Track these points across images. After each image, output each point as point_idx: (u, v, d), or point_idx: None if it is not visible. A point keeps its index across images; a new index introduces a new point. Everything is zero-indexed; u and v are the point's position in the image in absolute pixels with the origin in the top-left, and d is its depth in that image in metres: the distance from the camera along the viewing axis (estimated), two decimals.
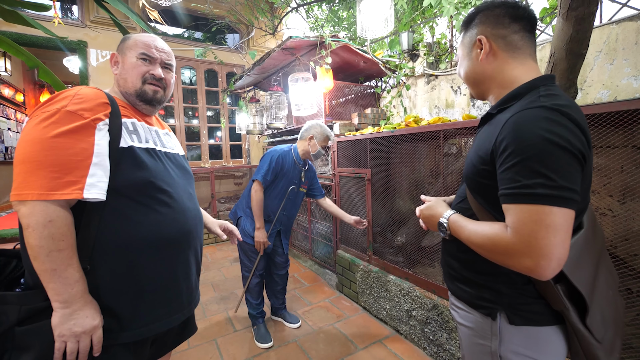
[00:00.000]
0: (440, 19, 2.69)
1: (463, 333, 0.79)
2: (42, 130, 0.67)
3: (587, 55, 1.64)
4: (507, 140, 0.60)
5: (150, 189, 0.79)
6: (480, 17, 0.73)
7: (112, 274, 0.74)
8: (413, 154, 2.01)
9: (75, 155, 0.68)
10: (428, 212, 0.83)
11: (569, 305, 0.63)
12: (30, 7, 2.09)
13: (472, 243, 0.67)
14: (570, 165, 0.56)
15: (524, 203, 0.57)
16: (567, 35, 1.11)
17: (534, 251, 0.55)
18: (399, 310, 2.00)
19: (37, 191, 0.64)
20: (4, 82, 5.19)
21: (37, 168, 0.65)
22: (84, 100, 0.73)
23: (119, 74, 0.88)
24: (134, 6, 4.15)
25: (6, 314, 0.66)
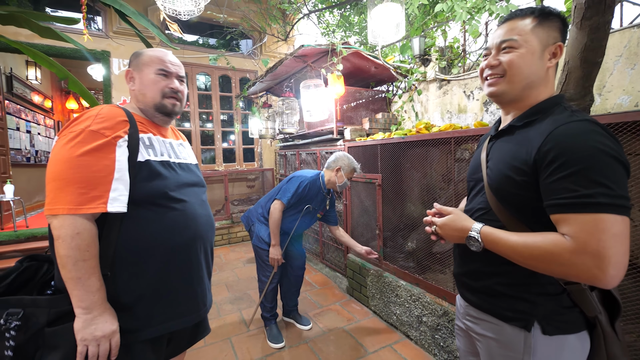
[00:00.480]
0: (453, 22, 2.67)
1: (486, 346, 0.77)
2: (70, 150, 0.74)
3: (607, 60, 1.60)
4: (557, 150, 0.60)
5: (165, 198, 0.85)
6: (559, 24, 0.70)
7: (131, 279, 0.80)
8: (424, 159, 2.01)
9: (99, 172, 0.74)
10: (451, 227, 0.77)
11: (602, 309, 0.65)
12: (61, 21, 2.24)
13: (521, 255, 0.64)
14: (622, 174, 0.58)
15: (586, 212, 0.57)
16: (582, 44, 1.09)
17: (603, 261, 0.55)
18: (409, 316, 2.00)
19: (67, 206, 0.71)
20: (34, 90, 5.51)
21: (66, 185, 0.72)
22: (105, 120, 0.79)
23: (137, 90, 0.93)
24: (154, 18, 4.32)
25: (37, 316, 0.72)
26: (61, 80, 7.03)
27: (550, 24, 0.69)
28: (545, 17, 0.69)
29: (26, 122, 5.24)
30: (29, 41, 3.53)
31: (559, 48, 0.69)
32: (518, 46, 0.70)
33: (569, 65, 1.18)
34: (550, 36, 0.69)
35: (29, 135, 5.36)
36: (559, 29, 0.70)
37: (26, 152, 5.21)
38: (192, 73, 4.73)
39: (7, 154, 4.32)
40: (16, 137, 4.83)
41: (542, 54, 0.69)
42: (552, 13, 0.70)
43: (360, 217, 2.59)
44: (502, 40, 0.72)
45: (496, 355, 0.74)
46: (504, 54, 0.72)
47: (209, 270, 1.00)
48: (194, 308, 0.92)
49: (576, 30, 1.11)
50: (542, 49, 0.69)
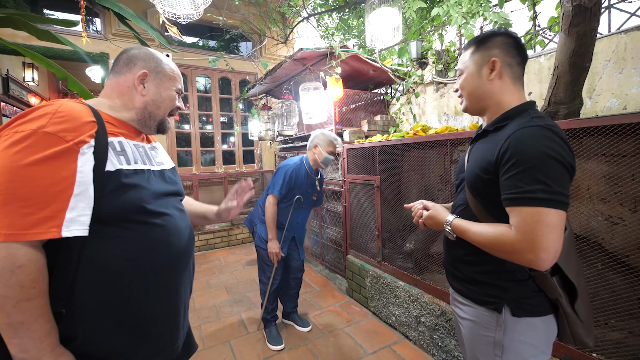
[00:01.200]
0: (449, 27, 2.73)
1: (466, 327, 0.87)
2: (13, 156, 0.56)
3: (596, 64, 1.65)
4: (511, 152, 0.70)
5: (142, 213, 0.71)
6: (496, 41, 0.81)
7: (101, 312, 0.65)
8: (422, 161, 2.05)
9: (52, 186, 0.57)
10: (432, 220, 0.91)
11: (562, 293, 0.74)
12: (60, 23, 2.25)
13: (479, 243, 0.76)
14: (563, 174, 0.67)
15: (526, 205, 0.67)
16: (570, 50, 1.14)
17: (536, 246, 0.65)
18: (408, 316, 2.03)
19: (6, 230, 0.54)
20: (31, 92, 5.50)
21: (4, 203, 0.54)
22: (66, 119, 0.62)
23: (152, 99, 0.82)
24: (153, 20, 4.35)
25: None
26: (60, 80, 6.98)
27: (485, 46, 0.82)
28: (480, 43, 0.83)
29: None
30: (26, 43, 3.54)
31: (493, 62, 0.80)
32: (462, 72, 0.87)
33: (559, 70, 1.23)
34: (485, 56, 0.82)
35: None
36: (497, 46, 0.80)
37: None
38: (191, 75, 4.75)
39: None
40: None
41: (481, 72, 0.82)
42: (487, 37, 0.82)
43: (359, 218, 2.62)
44: (457, 69, 0.91)
45: (474, 334, 0.84)
46: (458, 80, 0.89)
47: (189, 287, 0.87)
48: (176, 336, 0.80)
49: (564, 36, 1.15)
50: (479, 69, 0.82)
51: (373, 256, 2.43)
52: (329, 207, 3.08)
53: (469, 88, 0.85)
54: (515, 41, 0.80)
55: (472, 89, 0.84)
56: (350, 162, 2.64)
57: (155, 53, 0.86)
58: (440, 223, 0.88)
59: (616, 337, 1.26)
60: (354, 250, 2.68)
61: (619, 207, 1.34)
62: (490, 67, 0.80)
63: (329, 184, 3.00)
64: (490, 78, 0.81)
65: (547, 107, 1.30)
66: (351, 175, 2.62)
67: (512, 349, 0.78)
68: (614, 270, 1.26)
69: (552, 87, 1.25)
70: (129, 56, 0.82)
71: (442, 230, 0.89)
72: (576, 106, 1.24)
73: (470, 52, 0.85)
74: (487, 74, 0.81)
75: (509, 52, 0.79)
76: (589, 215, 1.41)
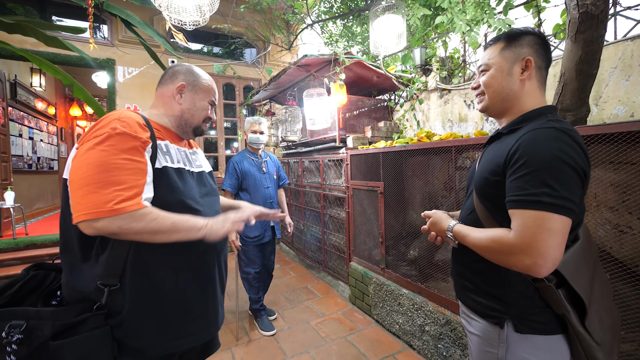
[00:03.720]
0: (453, 34, 2.74)
1: (473, 342, 0.84)
2: (100, 152, 0.71)
3: (602, 72, 1.64)
4: (520, 153, 0.67)
5: (181, 208, 0.81)
6: (530, 39, 0.76)
7: (140, 292, 0.77)
8: (426, 167, 2.03)
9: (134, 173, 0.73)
10: (436, 227, 0.90)
11: (569, 308, 0.68)
12: (67, 30, 2.29)
13: (477, 247, 0.74)
14: (573, 180, 0.63)
15: (529, 209, 0.64)
16: (577, 57, 1.13)
17: (533, 251, 0.62)
18: (412, 325, 1.99)
19: (108, 207, 0.68)
20: (38, 97, 5.57)
21: (102, 187, 0.69)
22: (129, 123, 0.77)
23: (187, 108, 0.94)
24: (159, 27, 4.41)
25: (41, 329, 0.69)
26: (66, 86, 7.08)
27: (517, 43, 0.77)
28: (511, 39, 0.78)
29: (29, 128, 5.28)
30: (34, 49, 3.59)
31: (527, 61, 0.76)
32: (489, 68, 0.81)
33: (565, 77, 1.22)
34: (518, 53, 0.77)
35: (32, 141, 5.39)
36: (530, 45, 0.76)
37: (28, 158, 5.23)
38: None
39: (8, 161, 4.34)
40: (18, 143, 4.86)
41: (511, 70, 0.77)
42: (519, 34, 0.77)
43: (363, 225, 2.60)
44: (479, 65, 0.85)
45: (479, 351, 0.81)
46: (482, 76, 0.83)
47: (222, 284, 0.97)
48: (206, 325, 0.89)
49: (571, 43, 1.15)
50: (510, 66, 0.77)
51: (376, 263, 2.40)
52: (332, 213, 3.06)
53: (495, 86, 0.79)
54: (545, 43, 0.76)
55: (499, 87, 0.78)
56: (354, 168, 2.63)
57: (196, 69, 0.97)
58: (442, 230, 0.87)
59: (627, 349, 1.23)
60: (357, 257, 2.65)
61: (627, 215, 1.31)
62: (522, 66, 0.76)
63: (332, 190, 2.99)
64: (521, 77, 0.76)
65: None
66: (355, 182, 2.61)
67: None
68: (623, 280, 1.24)
69: (558, 94, 1.24)
70: (174, 71, 0.95)
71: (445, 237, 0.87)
72: (583, 113, 1.23)
73: (499, 48, 0.79)
74: (519, 72, 0.76)
75: (540, 54, 0.76)
76: (596, 224, 1.39)
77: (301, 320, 2.41)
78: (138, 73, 4.34)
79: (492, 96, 0.80)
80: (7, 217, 3.99)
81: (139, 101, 4.31)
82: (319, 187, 3.23)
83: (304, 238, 3.65)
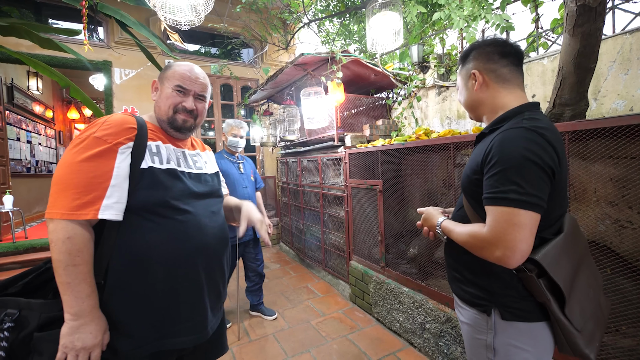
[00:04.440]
0: (451, 30, 2.73)
1: (464, 331, 0.88)
2: (73, 155, 0.75)
3: (601, 66, 1.63)
4: (493, 153, 0.73)
5: (166, 207, 0.82)
6: (474, 54, 0.86)
7: (125, 289, 0.78)
8: (425, 165, 2.03)
9: (95, 178, 0.74)
10: (427, 223, 0.96)
11: (550, 296, 0.72)
12: (63, 32, 2.27)
13: (459, 241, 0.80)
14: (539, 177, 0.68)
15: (498, 205, 0.69)
16: (575, 50, 1.12)
17: (502, 244, 0.68)
18: (412, 323, 1.99)
19: (62, 210, 0.71)
20: (35, 100, 5.55)
21: (64, 189, 0.73)
22: (111, 126, 0.79)
23: (156, 101, 0.94)
24: (155, 28, 4.39)
25: (30, 319, 0.72)
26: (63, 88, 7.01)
27: (466, 61, 0.88)
28: (463, 60, 0.90)
29: (27, 132, 5.26)
30: (30, 52, 3.57)
31: (473, 74, 0.85)
32: (458, 86, 0.94)
33: (563, 71, 1.21)
34: (467, 70, 0.88)
35: (30, 145, 5.38)
36: (475, 58, 0.85)
37: (26, 162, 5.22)
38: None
39: (6, 165, 4.33)
40: (16, 147, 4.85)
41: (467, 85, 0.88)
42: (466, 53, 0.88)
43: (362, 223, 2.59)
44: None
45: (470, 338, 0.86)
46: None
47: (216, 287, 0.92)
48: (193, 329, 0.86)
49: (569, 37, 1.14)
50: (465, 82, 0.89)
51: (376, 262, 2.39)
52: (331, 212, 3.05)
53: (463, 100, 0.92)
54: (496, 48, 0.82)
55: (465, 100, 0.91)
56: (353, 167, 2.62)
57: (172, 64, 0.95)
58: (433, 225, 0.92)
59: (628, 344, 1.22)
60: (357, 256, 2.65)
61: (627, 210, 1.30)
62: (473, 79, 0.85)
63: (331, 189, 2.98)
64: (475, 89, 0.85)
65: (552, 109, 1.28)
66: (353, 180, 2.60)
67: (504, 353, 0.78)
68: (624, 275, 1.23)
69: (556, 88, 1.23)
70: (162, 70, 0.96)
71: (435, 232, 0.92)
72: (582, 108, 1.22)
73: (459, 70, 0.92)
74: (472, 85, 0.86)
75: (491, 59, 0.83)
76: (596, 219, 1.38)
77: (302, 319, 2.40)
78: (135, 75, 4.33)
79: (465, 108, 0.93)
80: (6, 221, 3.98)
81: (136, 103, 4.29)
82: (317, 186, 3.22)
83: (304, 238, 3.64)
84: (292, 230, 4.04)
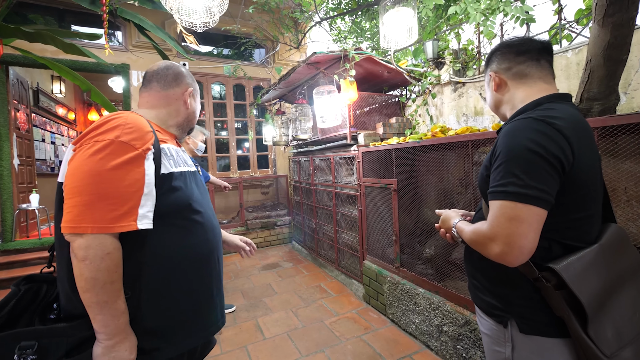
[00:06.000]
0: (467, 25, 2.65)
1: (485, 341, 0.85)
2: (99, 162, 0.67)
3: (632, 57, 1.54)
4: (499, 146, 0.70)
5: (188, 211, 0.81)
6: (493, 57, 0.87)
7: (154, 297, 0.76)
8: (441, 163, 1.97)
9: (129, 187, 0.69)
10: (444, 225, 0.93)
11: (569, 312, 0.65)
12: (84, 37, 2.34)
13: (467, 240, 0.77)
14: (542, 168, 0.63)
15: (497, 199, 0.66)
16: (605, 42, 1.06)
17: (500, 239, 0.64)
18: (429, 325, 1.94)
19: (97, 224, 0.65)
20: (58, 103, 5.78)
21: (96, 200, 0.66)
22: (134, 130, 0.73)
23: (192, 111, 0.98)
24: (171, 30, 4.48)
25: (56, 346, 0.67)
26: (84, 92, 7.26)
27: (488, 65, 0.89)
28: (486, 64, 0.90)
29: (51, 133, 5.49)
30: (54, 57, 3.71)
31: (491, 76, 0.86)
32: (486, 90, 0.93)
33: (592, 64, 1.14)
34: (488, 73, 0.89)
35: (54, 146, 5.61)
36: (494, 61, 0.86)
37: (50, 162, 5.45)
38: (207, 83, 4.86)
39: (33, 165, 4.53)
40: (41, 148, 5.06)
41: (489, 87, 0.89)
42: (488, 57, 0.89)
43: (376, 223, 2.56)
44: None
45: (489, 349, 0.82)
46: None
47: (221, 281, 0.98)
48: (214, 320, 0.89)
49: (598, 27, 1.07)
50: (488, 85, 0.89)
51: (391, 262, 2.36)
52: (344, 211, 3.03)
53: (488, 103, 0.93)
54: (511, 48, 0.82)
55: (489, 103, 0.92)
56: (366, 166, 2.59)
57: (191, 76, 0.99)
58: (449, 227, 0.89)
59: None
60: (371, 256, 2.62)
61: None
62: (492, 81, 0.86)
63: (344, 188, 2.96)
64: (495, 90, 0.86)
65: (579, 104, 1.21)
66: (367, 179, 2.57)
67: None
68: None
69: (584, 82, 1.16)
70: (176, 73, 0.93)
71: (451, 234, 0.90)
72: (612, 102, 1.15)
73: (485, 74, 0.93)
74: (493, 87, 0.86)
75: (504, 59, 0.83)
76: (627, 219, 1.30)
77: (315, 319, 2.39)
78: None
79: (492, 110, 0.92)
80: (32, 219, 4.17)
81: None
82: (330, 185, 3.20)
83: (316, 237, 3.63)
84: (304, 229, 4.04)
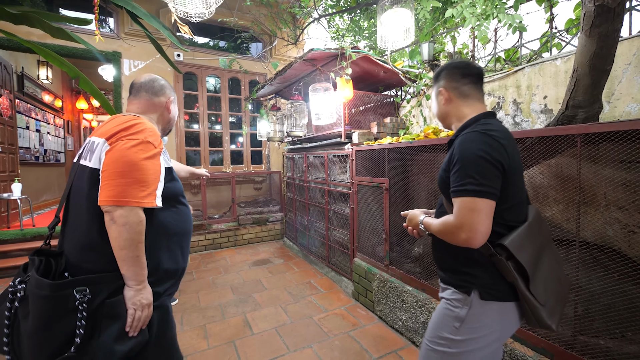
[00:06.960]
0: (462, 28, 2.69)
1: (439, 306, 1.01)
2: (135, 153, 0.92)
3: (615, 68, 1.60)
4: (454, 153, 0.88)
5: (179, 197, 1.08)
6: (443, 74, 1.04)
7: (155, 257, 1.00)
8: (432, 164, 2.02)
9: (152, 174, 0.94)
10: (411, 223, 1.10)
11: (517, 276, 0.85)
12: (74, 22, 2.28)
13: (436, 232, 0.94)
14: (490, 171, 0.82)
15: (460, 196, 0.84)
16: (591, 52, 1.10)
17: (466, 227, 0.81)
18: (415, 322, 1.99)
19: (135, 199, 0.89)
20: (45, 89, 5.61)
21: (134, 182, 0.90)
22: (153, 133, 1.00)
23: (173, 116, 1.22)
24: (165, 19, 4.40)
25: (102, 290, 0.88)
26: (72, 79, 7.06)
27: (437, 79, 1.06)
28: (434, 79, 1.08)
29: (36, 121, 5.32)
30: (41, 41, 3.60)
31: (440, 91, 1.04)
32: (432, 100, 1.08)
33: (578, 73, 1.19)
34: (436, 87, 1.06)
35: (39, 134, 5.44)
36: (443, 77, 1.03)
37: (35, 151, 5.28)
38: (202, 75, 4.79)
39: (16, 153, 4.39)
40: (25, 135, 4.90)
41: (437, 100, 1.07)
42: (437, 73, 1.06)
43: (367, 221, 2.59)
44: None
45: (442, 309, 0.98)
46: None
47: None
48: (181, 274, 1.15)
49: (585, 37, 1.12)
50: (436, 98, 1.08)
51: (380, 259, 2.40)
52: (336, 209, 3.06)
53: (434, 112, 1.11)
54: (460, 70, 1.00)
55: (436, 112, 1.09)
56: (359, 164, 2.62)
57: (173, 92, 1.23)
58: (416, 224, 1.06)
59: (634, 350, 1.21)
60: (361, 253, 2.65)
61: (637, 215, 1.29)
62: (441, 95, 1.04)
63: (337, 186, 2.98)
64: (442, 103, 1.04)
65: (564, 111, 1.26)
66: (359, 178, 2.60)
67: (469, 323, 0.90)
68: (632, 280, 1.22)
69: (570, 90, 1.21)
70: (161, 85, 1.18)
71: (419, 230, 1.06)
72: (595, 110, 1.20)
73: (432, 87, 1.10)
74: (441, 100, 1.04)
75: (453, 79, 1.01)
76: (605, 223, 1.36)
77: (304, 315, 2.42)
78: (144, 66, 4.35)
79: (437, 118, 1.09)
80: (14, 209, 4.05)
81: None
82: (323, 182, 3.22)
83: (308, 234, 3.65)
84: (296, 226, 4.06)
